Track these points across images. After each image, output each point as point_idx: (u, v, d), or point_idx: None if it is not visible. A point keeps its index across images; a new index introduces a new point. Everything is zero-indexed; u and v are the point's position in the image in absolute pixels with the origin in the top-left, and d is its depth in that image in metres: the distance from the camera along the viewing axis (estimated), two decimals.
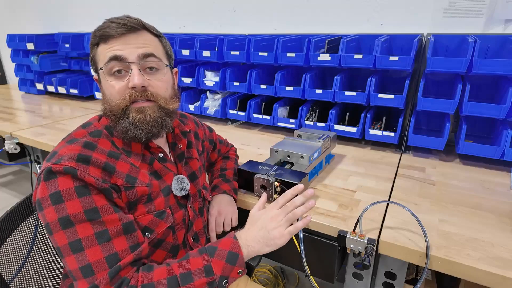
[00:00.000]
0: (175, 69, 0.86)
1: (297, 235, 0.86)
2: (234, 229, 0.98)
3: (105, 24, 0.73)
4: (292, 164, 1.12)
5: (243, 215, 1.08)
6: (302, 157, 1.09)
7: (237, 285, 1.03)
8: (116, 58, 0.71)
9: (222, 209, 0.98)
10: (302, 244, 0.86)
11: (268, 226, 0.73)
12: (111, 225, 0.65)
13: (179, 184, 0.81)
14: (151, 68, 0.75)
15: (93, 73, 0.79)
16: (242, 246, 0.70)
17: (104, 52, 0.72)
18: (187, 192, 0.83)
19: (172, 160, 0.85)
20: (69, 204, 0.62)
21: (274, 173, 0.98)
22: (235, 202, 1.03)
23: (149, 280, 0.64)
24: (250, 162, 1.08)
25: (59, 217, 0.62)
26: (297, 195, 0.77)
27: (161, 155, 0.81)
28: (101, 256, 0.62)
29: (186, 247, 0.84)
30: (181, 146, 0.88)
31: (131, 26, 0.72)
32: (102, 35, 0.72)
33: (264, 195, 0.84)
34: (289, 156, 1.12)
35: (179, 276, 0.65)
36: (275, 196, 0.96)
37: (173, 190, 0.80)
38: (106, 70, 0.72)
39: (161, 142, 0.84)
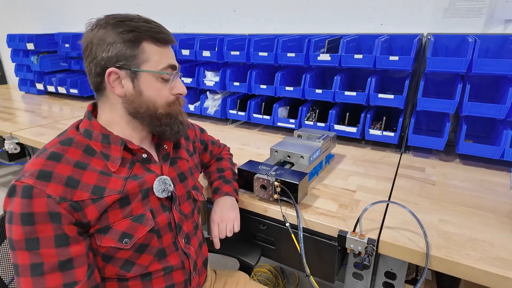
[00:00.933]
0: None
1: (297, 235, 0.86)
2: (236, 234, 0.98)
3: (152, 25, 0.74)
4: (292, 164, 1.12)
5: (243, 215, 1.08)
6: (302, 157, 1.09)
7: (236, 284, 1.03)
8: (173, 67, 0.77)
9: (225, 215, 0.98)
10: (302, 244, 0.86)
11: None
12: (48, 259, 0.63)
13: (161, 186, 0.78)
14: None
15: (110, 67, 0.72)
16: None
17: (159, 56, 0.74)
18: (169, 194, 0.79)
19: (157, 161, 0.83)
20: (14, 228, 0.62)
21: (274, 173, 0.98)
22: (237, 202, 1.02)
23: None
24: (250, 162, 1.08)
25: (8, 237, 0.64)
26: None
27: (144, 156, 0.79)
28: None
29: (178, 249, 0.81)
30: (167, 146, 0.86)
31: (174, 39, 0.79)
32: (162, 39, 0.74)
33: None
34: (289, 156, 1.12)
35: None
36: (275, 196, 0.96)
37: (154, 191, 0.77)
38: (160, 74, 0.75)
39: (146, 143, 0.83)
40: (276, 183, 0.95)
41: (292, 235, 0.89)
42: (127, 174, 0.74)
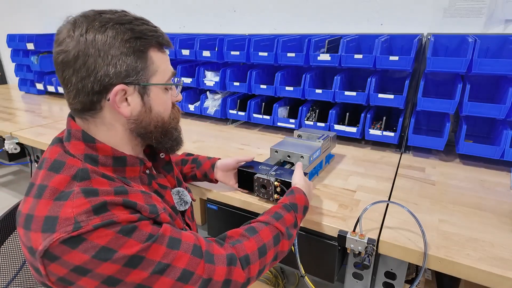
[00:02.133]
0: None
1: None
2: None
3: (154, 27, 0.63)
4: (292, 164, 1.12)
5: (242, 215, 1.08)
6: (302, 157, 1.09)
7: None
8: (174, 74, 0.69)
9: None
10: (297, 245, 0.86)
11: (312, 192, 0.94)
12: (168, 231, 0.59)
13: (181, 199, 0.76)
14: None
15: (118, 83, 0.59)
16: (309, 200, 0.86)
17: (165, 64, 0.65)
18: (189, 205, 0.78)
19: (157, 173, 0.77)
20: (124, 248, 0.52)
21: (274, 173, 0.98)
22: None
23: (259, 243, 0.68)
24: (250, 162, 1.08)
25: (123, 264, 0.52)
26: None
27: (147, 171, 0.71)
28: (188, 256, 0.58)
29: None
30: (163, 155, 0.79)
31: None
32: (166, 43, 0.65)
33: (300, 165, 0.95)
34: (289, 156, 1.12)
35: (285, 231, 0.73)
36: (275, 196, 0.96)
37: (176, 206, 0.74)
38: (165, 85, 0.66)
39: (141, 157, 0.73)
40: (276, 183, 0.95)
41: None
42: (151, 191, 0.68)
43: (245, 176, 1.02)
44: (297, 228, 0.78)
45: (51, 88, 2.53)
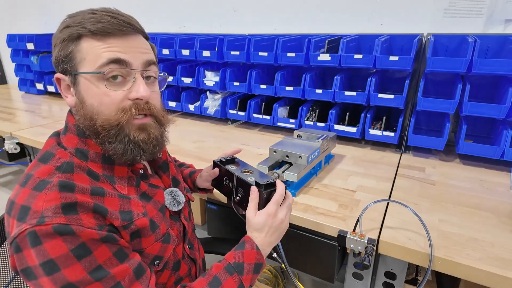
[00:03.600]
0: (165, 75, 0.74)
1: (278, 250, 0.79)
2: (234, 234, 0.94)
3: (97, 15, 0.59)
4: (291, 164, 1.12)
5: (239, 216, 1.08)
6: (300, 157, 1.09)
7: None
8: (118, 61, 0.59)
9: None
10: (285, 259, 0.80)
11: (281, 228, 0.73)
12: (122, 276, 0.56)
13: (174, 199, 0.73)
14: (148, 77, 0.66)
15: (58, 73, 0.62)
16: (264, 255, 0.70)
17: (98, 52, 0.59)
18: (183, 206, 0.75)
19: (154, 173, 0.77)
20: (68, 271, 0.51)
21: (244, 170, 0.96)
22: None
23: None
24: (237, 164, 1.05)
25: (60, 287, 0.52)
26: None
27: (141, 171, 0.70)
28: None
29: (184, 257, 0.78)
30: (161, 154, 0.77)
31: (135, 27, 0.62)
32: (100, 30, 0.58)
33: (254, 194, 0.74)
34: (287, 156, 1.12)
35: None
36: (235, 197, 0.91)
37: (168, 206, 0.72)
38: (97, 74, 0.59)
39: None
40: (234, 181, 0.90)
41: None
42: (137, 194, 0.67)
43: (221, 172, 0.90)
44: None
45: (51, 88, 2.53)
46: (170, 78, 1.87)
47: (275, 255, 0.78)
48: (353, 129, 1.46)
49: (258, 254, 0.69)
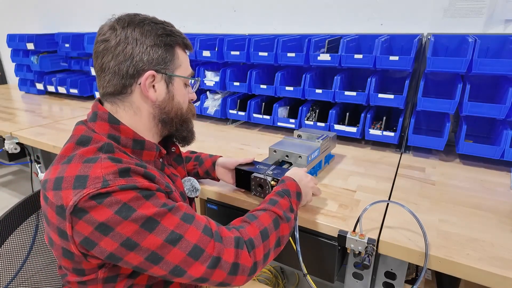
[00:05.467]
0: None
1: (293, 236, 0.86)
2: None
3: (178, 31, 0.74)
4: (291, 164, 1.12)
5: (240, 214, 1.08)
6: (300, 157, 1.09)
7: None
8: (193, 74, 0.79)
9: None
10: (298, 244, 0.85)
11: (309, 187, 0.91)
12: (184, 207, 0.65)
13: (193, 186, 0.82)
14: None
15: (149, 69, 0.69)
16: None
17: (186, 62, 0.76)
18: (199, 192, 0.84)
19: (170, 165, 0.85)
20: (143, 208, 0.58)
21: (271, 172, 0.98)
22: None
23: (261, 227, 0.70)
24: (249, 162, 1.08)
25: (140, 225, 0.57)
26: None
27: (161, 160, 0.79)
28: (199, 233, 0.62)
29: None
30: (175, 149, 0.86)
31: None
32: (186, 44, 0.75)
33: (305, 168, 0.96)
34: (287, 156, 1.12)
35: (282, 215, 0.75)
36: None
37: (187, 193, 0.80)
38: (186, 80, 0.76)
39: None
40: (272, 182, 0.95)
41: None
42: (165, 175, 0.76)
43: (243, 176, 1.03)
44: (294, 213, 0.80)
45: (51, 88, 2.53)
46: None
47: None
48: (353, 129, 1.45)
49: (297, 184, 0.85)
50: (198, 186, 0.85)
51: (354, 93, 1.41)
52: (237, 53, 1.63)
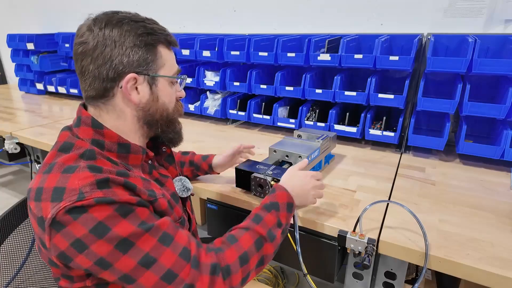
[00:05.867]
0: None
1: (293, 236, 0.85)
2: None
3: (161, 28, 0.70)
4: (291, 164, 1.12)
5: (240, 214, 1.08)
6: (300, 157, 1.09)
7: None
8: (179, 71, 0.75)
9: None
10: (298, 244, 0.85)
11: (308, 190, 0.85)
12: (165, 226, 0.61)
13: (184, 185, 0.79)
14: None
15: (130, 72, 0.65)
16: (293, 197, 0.80)
17: (171, 60, 0.72)
18: (191, 192, 0.82)
19: (161, 165, 0.82)
20: (118, 228, 0.56)
21: (271, 172, 0.98)
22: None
23: (240, 251, 0.66)
24: (248, 162, 1.08)
25: (115, 245, 0.55)
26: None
27: (150, 162, 0.76)
28: (175, 256, 0.59)
29: None
30: (165, 148, 0.83)
31: None
32: (173, 41, 0.71)
33: (305, 161, 0.92)
34: (287, 156, 1.12)
35: (266, 234, 0.71)
36: None
37: (178, 192, 0.78)
38: (172, 79, 0.73)
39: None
40: (272, 182, 0.95)
41: (289, 234, 0.89)
42: (152, 180, 0.72)
43: (243, 175, 1.03)
44: (282, 227, 0.75)
45: (51, 88, 2.53)
46: None
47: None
48: (353, 129, 1.45)
49: (288, 194, 0.79)
50: (190, 186, 0.82)
51: (354, 93, 1.41)
52: (237, 53, 1.63)
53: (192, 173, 1.11)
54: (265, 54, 1.56)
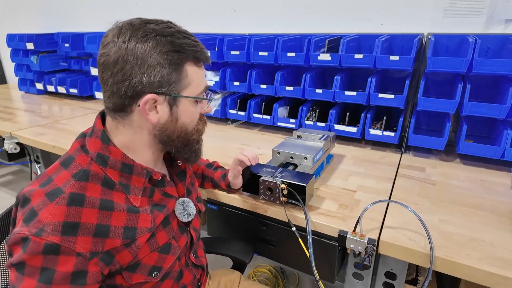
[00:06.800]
0: None
1: (304, 239, 0.85)
2: (235, 233, 1.02)
3: (194, 41, 0.64)
4: (295, 166, 1.11)
5: (243, 215, 1.08)
6: (305, 158, 1.09)
7: (232, 283, 1.02)
8: (207, 88, 0.70)
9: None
10: (311, 249, 0.84)
11: None
12: None
13: (185, 210, 0.75)
14: None
15: (150, 92, 0.62)
16: None
17: (199, 79, 0.67)
18: (193, 217, 0.77)
19: (171, 180, 0.78)
20: (26, 280, 0.53)
21: (280, 175, 0.97)
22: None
23: None
24: (254, 165, 1.06)
25: (10, 282, 0.55)
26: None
27: (159, 178, 0.71)
28: None
29: (189, 266, 0.80)
30: (180, 163, 0.80)
31: None
32: (204, 58, 0.66)
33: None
34: (292, 157, 1.12)
35: None
36: (282, 198, 0.95)
37: (178, 216, 0.74)
38: (195, 99, 0.68)
39: (159, 163, 0.76)
40: (283, 185, 0.93)
41: (300, 239, 0.88)
42: (149, 205, 0.68)
43: (249, 179, 1.01)
44: None
45: (50, 88, 2.53)
46: None
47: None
48: (353, 129, 1.45)
49: None
50: (192, 211, 0.77)
51: (354, 93, 1.41)
52: (237, 53, 1.63)
53: (214, 188, 1.09)
54: (265, 54, 1.56)
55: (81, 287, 0.56)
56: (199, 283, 0.84)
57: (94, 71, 2.25)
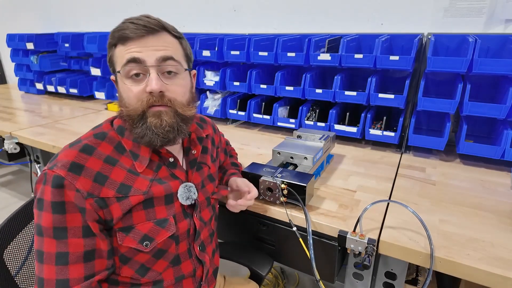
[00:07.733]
0: (194, 71, 0.85)
1: (306, 241, 0.85)
2: (242, 237, 1.06)
3: (124, 24, 0.70)
4: (295, 166, 1.11)
5: (243, 215, 1.07)
6: (305, 158, 1.08)
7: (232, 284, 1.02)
8: (134, 60, 0.69)
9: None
10: (312, 249, 0.84)
11: None
12: (74, 249, 0.64)
13: (186, 193, 0.78)
14: (169, 72, 0.73)
15: (112, 74, 0.78)
16: None
17: (122, 54, 0.70)
18: (193, 202, 0.79)
19: (183, 166, 0.83)
20: (44, 215, 0.63)
21: (280, 175, 0.97)
22: None
23: None
24: (253, 165, 1.06)
25: (36, 223, 0.65)
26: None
27: (171, 160, 0.78)
28: (53, 277, 0.63)
29: (191, 257, 0.81)
30: (195, 152, 0.85)
31: (151, 28, 0.70)
32: (121, 36, 0.69)
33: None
34: (292, 158, 1.12)
35: None
36: (282, 199, 0.95)
37: (179, 198, 0.77)
38: (124, 73, 0.70)
39: (176, 147, 0.82)
40: (283, 185, 0.94)
41: (300, 239, 0.88)
42: (152, 176, 0.74)
43: (249, 179, 1.00)
44: None
45: (50, 88, 2.53)
46: (194, 72, 1.91)
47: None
48: (353, 129, 1.45)
49: None
50: (193, 196, 0.79)
51: (354, 93, 1.41)
52: (237, 52, 1.63)
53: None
54: (265, 54, 1.56)
55: (85, 219, 0.65)
56: (201, 282, 0.83)
57: (94, 71, 2.25)
